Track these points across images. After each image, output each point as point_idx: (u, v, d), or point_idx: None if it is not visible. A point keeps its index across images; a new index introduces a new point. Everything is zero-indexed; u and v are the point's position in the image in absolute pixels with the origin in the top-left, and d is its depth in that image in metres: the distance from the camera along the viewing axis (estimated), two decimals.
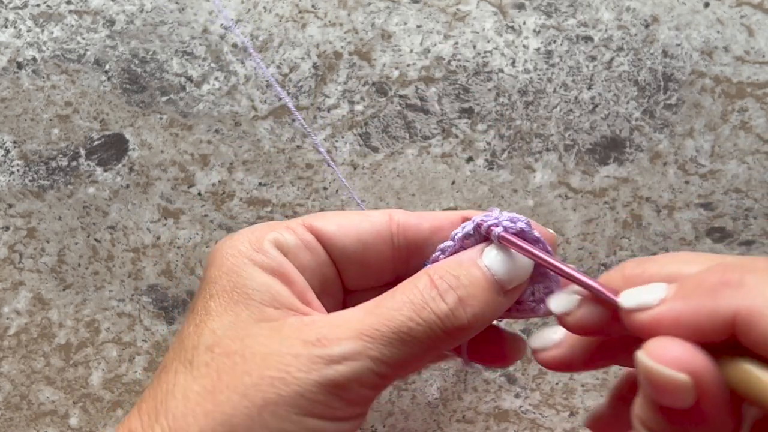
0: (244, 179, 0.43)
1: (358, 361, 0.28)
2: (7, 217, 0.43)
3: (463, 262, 0.30)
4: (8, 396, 0.42)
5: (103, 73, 0.43)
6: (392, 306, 0.29)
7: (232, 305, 0.29)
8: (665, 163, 0.43)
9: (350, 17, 0.43)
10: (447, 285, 0.29)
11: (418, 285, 0.29)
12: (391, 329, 0.28)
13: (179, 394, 0.28)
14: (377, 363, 0.28)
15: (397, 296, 0.29)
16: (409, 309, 0.29)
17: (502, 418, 0.42)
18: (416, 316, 0.28)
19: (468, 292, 0.29)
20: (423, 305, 0.29)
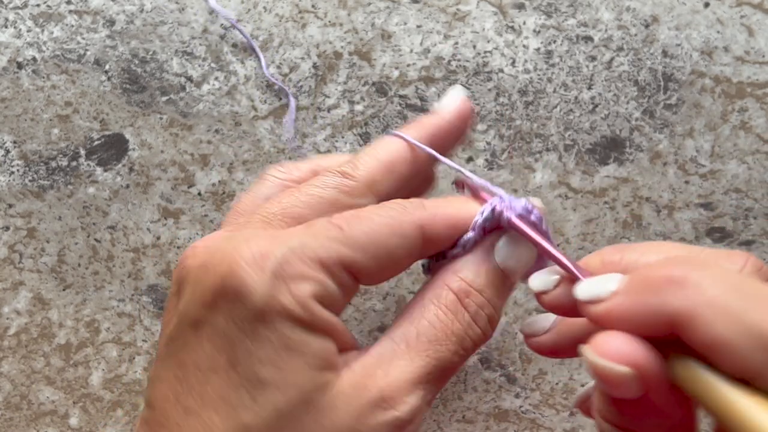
0: (244, 179, 0.43)
1: (421, 413, 0.28)
2: (7, 217, 0.43)
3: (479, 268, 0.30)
4: (8, 396, 0.42)
5: (103, 73, 0.43)
6: (436, 339, 0.28)
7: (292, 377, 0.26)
8: (665, 163, 0.43)
9: (350, 17, 0.43)
10: (475, 306, 0.29)
11: (448, 306, 0.29)
12: (440, 368, 0.28)
13: None
14: (431, 403, 0.28)
15: (435, 324, 0.29)
16: (453, 342, 0.28)
17: (502, 418, 0.42)
18: (460, 348, 0.28)
19: (493, 307, 0.29)
20: (464, 336, 0.29)
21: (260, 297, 0.26)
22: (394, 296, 0.42)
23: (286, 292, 0.26)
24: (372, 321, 0.42)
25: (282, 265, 0.26)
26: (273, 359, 0.26)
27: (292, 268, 0.27)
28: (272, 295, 0.26)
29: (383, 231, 0.28)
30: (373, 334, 0.42)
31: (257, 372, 0.26)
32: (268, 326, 0.26)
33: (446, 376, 0.29)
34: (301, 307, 0.26)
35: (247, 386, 0.26)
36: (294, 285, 0.26)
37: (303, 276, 0.27)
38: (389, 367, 0.28)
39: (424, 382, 0.28)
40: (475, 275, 0.30)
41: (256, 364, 0.26)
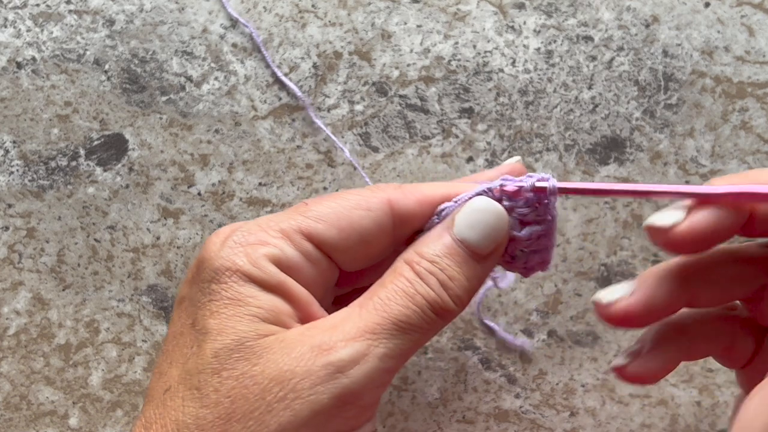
0: (244, 179, 0.43)
1: (367, 362, 0.27)
2: (7, 217, 0.43)
3: (434, 241, 0.30)
4: (8, 396, 0.42)
5: (103, 73, 0.43)
6: (386, 297, 0.29)
7: (234, 323, 0.28)
8: (665, 163, 0.43)
9: (350, 17, 0.43)
10: (426, 271, 0.29)
11: (403, 273, 0.29)
12: (390, 321, 0.28)
13: (193, 425, 0.27)
14: (384, 359, 0.28)
15: (388, 286, 0.29)
16: (401, 297, 0.29)
17: (503, 419, 0.42)
18: (410, 303, 0.29)
19: (446, 274, 0.29)
20: (413, 292, 0.29)
21: (217, 259, 0.29)
22: None
23: (241, 254, 0.29)
24: None
25: (244, 235, 0.30)
26: (220, 310, 0.28)
27: (252, 236, 0.29)
28: (228, 257, 0.29)
29: (347, 204, 0.30)
30: None
31: (206, 322, 0.28)
32: (220, 283, 0.29)
33: (401, 331, 0.28)
34: (252, 264, 0.29)
35: (197, 338, 0.29)
36: (251, 248, 0.29)
37: (261, 242, 0.29)
38: (339, 323, 0.29)
39: (371, 332, 0.28)
40: (429, 248, 0.30)
41: (207, 317, 0.28)
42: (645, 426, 0.42)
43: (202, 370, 0.28)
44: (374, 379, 0.28)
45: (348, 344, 0.27)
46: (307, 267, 0.30)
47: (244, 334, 0.28)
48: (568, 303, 0.42)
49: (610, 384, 0.42)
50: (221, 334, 0.28)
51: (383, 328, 0.28)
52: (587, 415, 0.42)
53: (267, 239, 0.30)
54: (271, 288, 0.29)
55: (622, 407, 0.42)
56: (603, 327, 0.42)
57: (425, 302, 0.29)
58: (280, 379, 0.27)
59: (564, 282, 0.42)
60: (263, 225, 0.30)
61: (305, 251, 0.30)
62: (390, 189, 0.31)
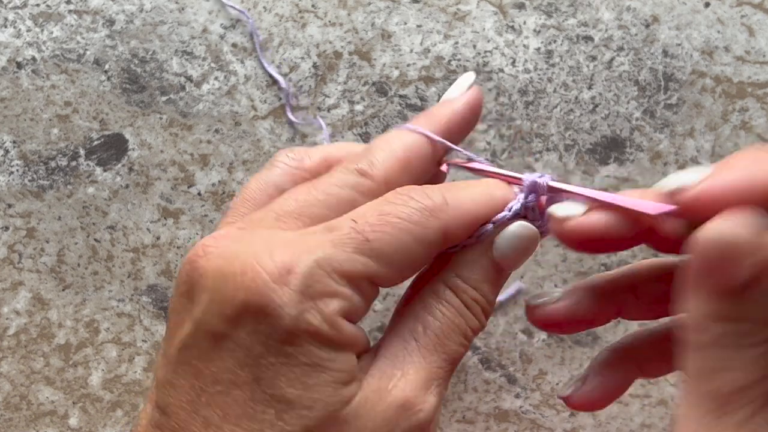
0: (244, 179, 0.43)
1: (438, 408, 0.28)
2: (7, 217, 0.43)
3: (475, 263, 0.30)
4: (8, 396, 0.42)
5: (103, 73, 0.43)
6: (441, 333, 0.29)
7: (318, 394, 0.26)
8: (666, 163, 0.43)
9: (350, 17, 0.43)
10: (471, 299, 0.29)
11: (452, 302, 0.29)
12: (449, 362, 0.29)
13: None
14: (443, 396, 0.29)
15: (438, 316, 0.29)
16: (456, 334, 0.29)
17: (503, 419, 0.42)
18: (463, 339, 0.29)
19: (487, 300, 0.30)
20: (465, 327, 0.29)
21: (288, 318, 0.26)
22: (394, 296, 0.42)
23: (314, 311, 0.26)
24: (372, 321, 0.42)
25: (309, 282, 0.26)
26: (299, 378, 0.26)
27: (319, 285, 0.26)
28: (300, 315, 0.26)
29: (408, 240, 0.28)
30: (372, 334, 0.42)
31: (283, 390, 0.26)
32: (295, 346, 0.26)
33: (454, 368, 0.29)
34: (330, 326, 0.26)
35: (272, 404, 0.26)
36: (322, 303, 0.26)
37: (330, 293, 0.26)
38: (404, 365, 0.28)
39: (438, 378, 0.28)
40: (470, 272, 0.30)
41: (282, 382, 0.26)
42: (645, 426, 0.42)
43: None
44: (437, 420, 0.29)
45: (426, 400, 0.28)
46: (366, 308, 0.28)
47: (332, 407, 0.26)
48: None
49: None
50: (310, 409, 0.26)
51: (445, 371, 0.29)
52: (587, 415, 0.42)
53: (335, 289, 0.26)
54: (345, 347, 0.27)
55: (622, 407, 0.42)
56: (603, 327, 0.42)
57: (472, 334, 0.30)
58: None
59: (564, 282, 0.42)
60: (325, 267, 0.26)
61: (367, 295, 0.28)
62: (443, 212, 0.29)
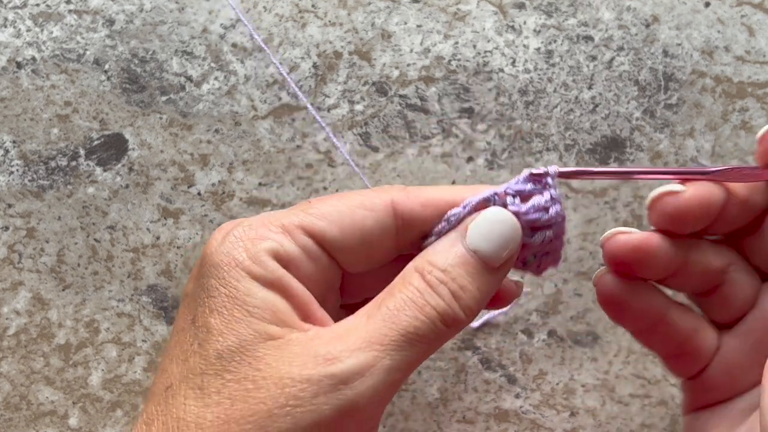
0: (244, 179, 0.43)
1: (372, 375, 0.27)
2: (7, 217, 0.43)
3: (447, 250, 0.29)
4: (7, 396, 0.42)
5: (103, 73, 0.43)
6: (394, 307, 0.28)
7: (234, 323, 0.28)
8: (666, 162, 0.43)
9: (350, 17, 0.43)
10: (437, 281, 0.29)
11: (413, 282, 0.29)
12: (399, 332, 0.28)
13: (192, 424, 0.27)
14: (390, 371, 0.27)
15: (397, 295, 0.28)
16: (411, 308, 0.28)
17: (503, 419, 0.42)
18: (419, 314, 0.28)
19: (458, 284, 0.29)
20: (423, 303, 0.28)
21: (217, 255, 0.29)
22: None
23: (240, 249, 0.29)
24: None
25: (245, 230, 0.29)
26: (220, 308, 0.28)
27: (252, 231, 0.29)
28: (228, 252, 0.29)
29: (350, 204, 0.30)
30: None
31: (206, 318, 0.28)
32: (220, 279, 0.28)
33: (409, 343, 0.28)
34: (252, 259, 0.28)
35: (197, 334, 0.28)
36: (250, 243, 0.29)
37: (261, 236, 0.29)
38: (344, 334, 0.28)
39: (378, 343, 0.27)
40: (441, 257, 0.29)
41: (207, 314, 0.28)
42: (645, 426, 0.42)
43: (204, 370, 0.28)
44: (379, 392, 0.27)
45: (353, 355, 0.27)
46: (306, 263, 0.30)
47: (245, 336, 0.28)
48: (568, 303, 0.42)
49: (610, 384, 0.42)
50: (222, 335, 0.28)
51: (391, 339, 0.27)
52: (587, 415, 0.42)
53: (267, 234, 0.29)
54: (269, 284, 0.29)
55: (622, 407, 0.42)
56: (603, 327, 0.42)
57: (435, 313, 0.28)
58: (282, 386, 0.27)
59: (564, 282, 0.42)
60: (264, 221, 0.30)
61: (305, 247, 0.30)
62: (394, 191, 0.31)
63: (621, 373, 0.42)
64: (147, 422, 0.28)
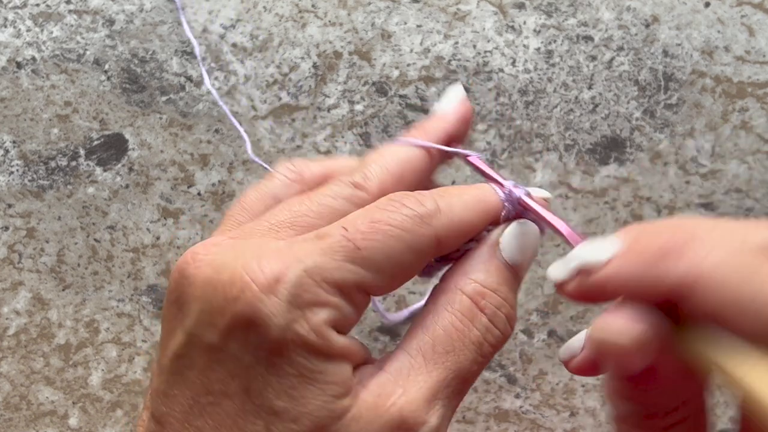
0: (244, 179, 0.43)
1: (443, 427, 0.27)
2: (7, 217, 0.43)
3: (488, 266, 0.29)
4: (8, 396, 0.42)
5: (103, 73, 0.43)
6: (451, 349, 0.27)
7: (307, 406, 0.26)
8: (666, 163, 0.43)
9: (350, 17, 0.43)
10: (493, 307, 0.28)
11: (463, 312, 0.28)
12: (460, 378, 0.27)
13: None
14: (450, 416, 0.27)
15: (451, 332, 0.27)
16: (470, 350, 0.27)
17: (503, 419, 0.42)
18: (479, 356, 0.27)
19: (510, 304, 0.28)
20: (482, 342, 0.27)
21: (276, 328, 0.25)
22: (394, 296, 0.42)
23: (302, 321, 0.25)
24: (372, 321, 0.42)
25: (297, 291, 0.26)
26: (288, 390, 0.26)
27: (308, 295, 0.26)
28: (288, 325, 0.25)
29: (400, 248, 0.27)
30: (373, 334, 0.42)
31: (272, 401, 0.26)
32: (284, 357, 0.26)
33: (466, 386, 0.27)
34: (318, 336, 0.26)
35: (261, 415, 0.26)
36: (310, 313, 0.26)
37: (319, 302, 0.26)
38: (406, 383, 0.27)
39: (443, 397, 0.27)
40: (486, 274, 0.28)
41: (272, 394, 0.26)
42: None
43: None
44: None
45: (427, 420, 0.26)
46: (357, 317, 0.28)
47: (321, 420, 0.26)
48: (568, 303, 0.42)
49: None
50: (297, 422, 0.26)
51: (452, 388, 0.27)
52: (587, 415, 0.42)
53: (324, 298, 0.26)
54: (336, 357, 0.26)
55: None
56: None
57: (491, 348, 0.27)
58: None
59: None
60: (314, 276, 0.26)
61: (358, 304, 0.27)
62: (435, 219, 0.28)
63: None
64: None
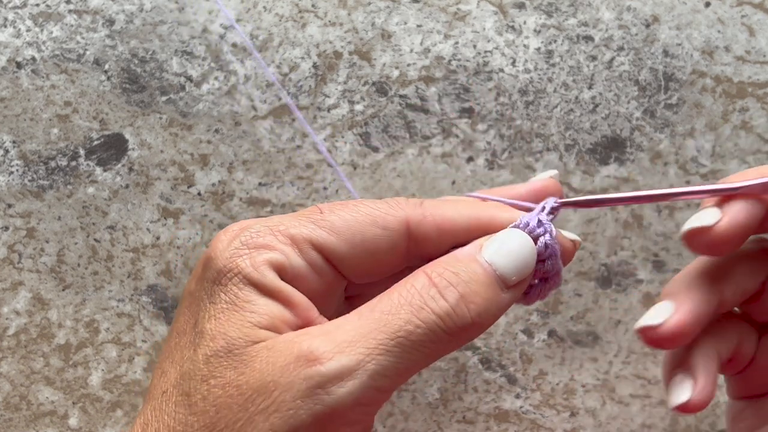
0: (243, 179, 0.43)
1: (355, 379, 0.25)
2: (7, 217, 0.43)
3: (461, 258, 0.28)
4: (7, 396, 0.42)
5: (103, 73, 0.43)
6: (388, 309, 0.27)
7: (226, 327, 0.27)
8: (666, 162, 0.42)
9: (350, 17, 0.43)
10: (446, 282, 0.27)
11: (415, 284, 0.27)
12: (389, 335, 0.26)
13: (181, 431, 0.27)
14: (376, 377, 0.26)
15: (394, 297, 0.27)
16: (406, 311, 0.26)
17: (503, 419, 0.42)
18: (415, 318, 0.26)
19: (470, 288, 0.27)
20: (421, 305, 0.27)
21: (221, 260, 0.28)
22: None
23: (246, 258, 0.28)
24: None
25: (253, 236, 0.29)
26: (217, 314, 0.28)
27: (260, 239, 0.29)
28: (232, 258, 0.28)
29: (363, 219, 0.29)
30: None
31: (203, 324, 0.28)
32: (222, 286, 0.28)
33: (401, 347, 0.26)
34: (254, 269, 0.28)
35: (194, 338, 0.28)
36: (256, 252, 0.28)
37: (267, 246, 0.28)
38: (333, 331, 0.27)
39: (365, 346, 0.26)
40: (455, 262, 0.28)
41: (205, 320, 0.28)
42: (645, 426, 0.42)
43: (193, 376, 0.27)
44: (361, 399, 0.25)
45: (335, 356, 0.25)
46: (311, 276, 0.29)
47: (234, 340, 0.27)
48: (568, 303, 0.42)
49: (610, 384, 0.42)
50: (214, 340, 0.27)
51: (379, 342, 0.26)
52: (587, 415, 0.42)
53: (274, 244, 0.28)
54: (270, 293, 0.28)
55: (622, 407, 0.42)
56: (603, 327, 0.42)
57: (434, 317, 0.26)
58: (263, 390, 0.26)
59: (564, 282, 0.42)
60: (273, 228, 0.29)
61: (312, 261, 0.29)
62: (410, 207, 0.29)
63: (621, 373, 0.42)
64: (143, 426, 0.28)
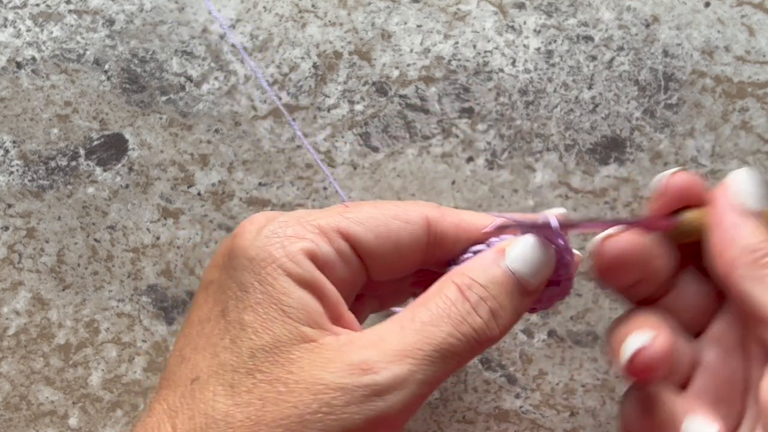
0: (243, 179, 0.43)
1: (406, 388, 0.27)
2: (7, 217, 0.43)
3: (487, 268, 0.30)
4: (7, 396, 0.42)
5: (103, 73, 0.43)
6: (430, 321, 0.28)
7: (270, 322, 0.28)
8: (666, 163, 0.43)
9: (350, 17, 0.43)
10: (477, 297, 0.29)
11: (449, 296, 0.29)
12: (434, 347, 0.28)
13: (222, 422, 0.27)
14: (421, 385, 0.27)
15: (432, 308, 0.29)
16: (448, 324, 0.28)
17: (503, 419, 0.42)
18: (456, 331, 0.28)
19: (497, 302, 0.29)
20: (461, 320, 0.28)
21: (252, 249, 0.29)
22: None
23: (278, 246, 0.28)
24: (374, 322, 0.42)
25: (281, 226, 0.29)
26: (255, 306, 0.28)
27: (289, 229, 0.29)
28: (264, 247, 0.28)
29: (387, 213, 0.30)
30: None
31: (240, 315, 0.28)
32: (256, 275, 0.28)
33: (445, 360, 0.28)
34: (289, 258, 0.28)
35: (230, 329, 0.28)
36: (287, 241, 0.29)
37: (298, 236, 0.29)
38: (379, 341, 0.28)
39: (414, 358, 0.27)
40: (481, 273, 0.30)
41: (241, 311, 0.28)
42: None
43: (236, 368, 0.27)
44: (409, 405, 0.27)
45: (388, 367, 0.27)
46: (340, 266, 0.30)
47: (280, 336, 0.28)
48: (568, 303, 0.42)
49: (610, 384, 0.42)
50: (257, 333, 0.28)
51: (425, 354, 0.28)
52: (587, 415, 0.42)
53: (304, 233, 0.29)
54: (305, 284, 0.28)
55: None
56: (603, 327, 0.42)
57: (472, 331, 0.29)
58: (315, 391, 0.26)
59: None
60: (301, 219, 0.30)
61: (341, 250, 0.30)
62: (428, 208, 0.31)
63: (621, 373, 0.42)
64: (170, 413, 0.28)
